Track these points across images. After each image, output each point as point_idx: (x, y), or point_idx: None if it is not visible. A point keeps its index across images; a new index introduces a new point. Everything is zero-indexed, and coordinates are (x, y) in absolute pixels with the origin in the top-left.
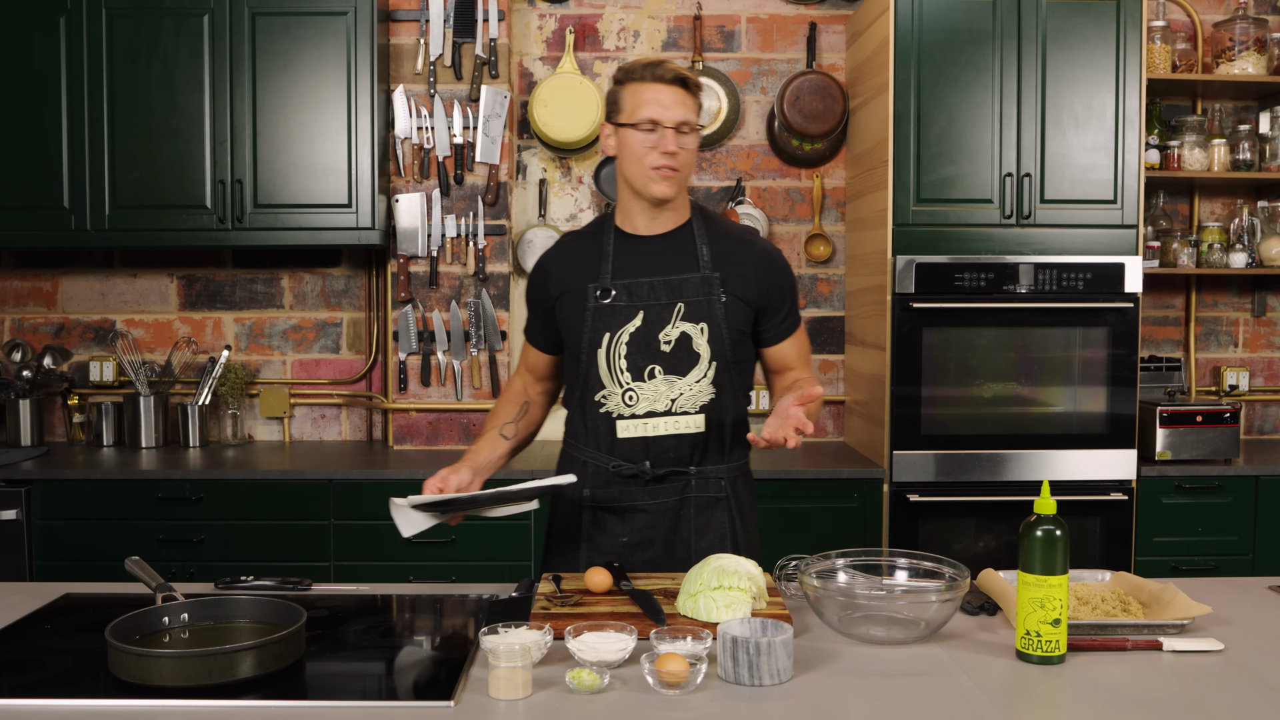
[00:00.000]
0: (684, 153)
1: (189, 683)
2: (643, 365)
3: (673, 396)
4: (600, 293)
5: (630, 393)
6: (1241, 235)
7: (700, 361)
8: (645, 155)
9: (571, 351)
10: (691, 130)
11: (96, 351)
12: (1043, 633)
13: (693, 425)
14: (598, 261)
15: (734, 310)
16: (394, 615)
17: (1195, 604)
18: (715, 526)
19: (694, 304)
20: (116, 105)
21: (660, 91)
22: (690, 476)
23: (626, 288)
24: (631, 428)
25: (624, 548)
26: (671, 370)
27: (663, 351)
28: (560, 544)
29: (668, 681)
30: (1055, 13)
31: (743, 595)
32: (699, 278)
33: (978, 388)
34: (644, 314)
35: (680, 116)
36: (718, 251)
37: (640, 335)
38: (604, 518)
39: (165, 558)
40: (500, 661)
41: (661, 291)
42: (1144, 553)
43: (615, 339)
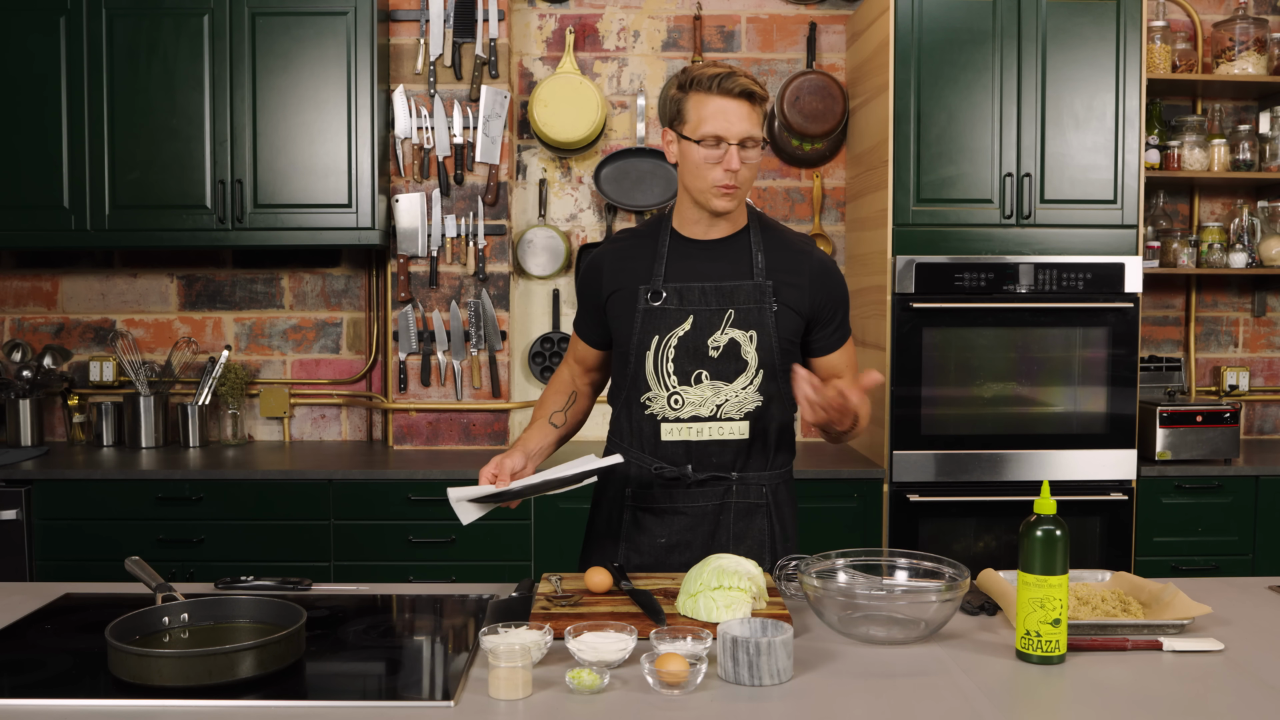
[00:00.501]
0: (746, 168)
1: (189, 683)
2: (690, 370)
3: (718, 402)
4: (651, 295)
5: (676, 396)
6: (1241, 235)
7: (747, 369)
8: (708, 171)
9: (620, 351)
10: (755, 145)
11: (96, 351)
12: (1043, 633)
13: (737, 432)
14: (651, 262)
15: (785, 319)
16: (394, 615)
17: (1195, 604)
18: (754, 533)
19: (744, 311)
20: (116, 105)
21: (727, 106)
22: (732, 482)
23: (678, 291)
24: (676, 431)
25: (661, 549)
26: (718, 376)
27: (710, 357)
28: (600, 542)
29: (668, 681)
30: (1055, 13)
31: (743, 595)
32: (751, 285)
33: (978, 388)
34: (694, 319)
35: (745, 132)
36: (772, 260)
37: (689, 340)
38: (644, 518)
39: (165, 558)
40: (500, 661)
41: (713, 297)
42: (1144, 553)
43: (664, 342)
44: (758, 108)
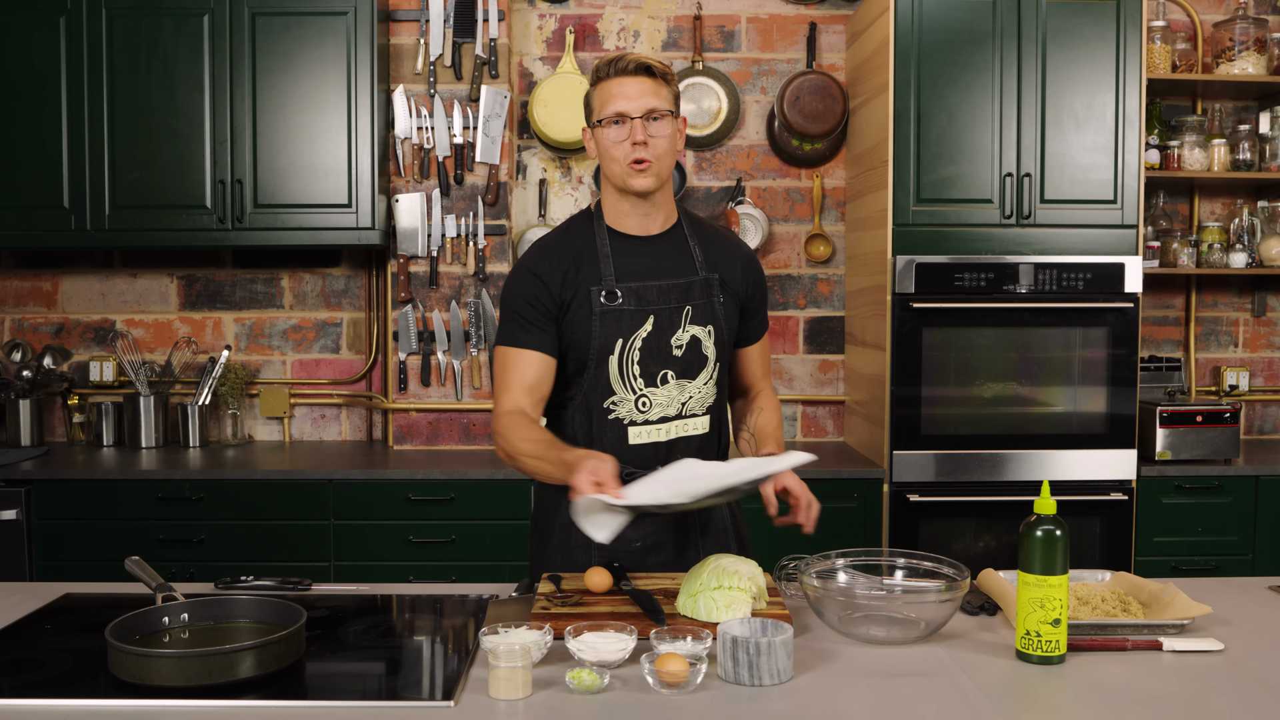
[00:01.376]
0: (657, 141)
1: (189, 683)
2: (656, 371)
3: (683, 400)
4: (605, 295)
5: (643, 399)
6: (1241, 235)
7: (708, 364)
8: (618, 150)
9: (577, 358)
10: (663, 117)
11: (96, 351)
12: (1043, 633)
13: (700, 427)
14: (595, 262)
15: (729, 311)
16: (394, 615)
17: (1195, 604)
18: (717, 520)
19: (699, 307)
20: (116, 105)
21: (624, 84)
22: None
23: (635, 291)
24: (644, 434)
25: (637, 553)
26: (683, 374)
27: (675, 356)
28: (568, 553)
29: (668, 681)
30: (1055, 13)
31: (743, 595)
32: (702, 280)
33: (978, 388)
34: (654, 319)
35: (647, 105)
36: (709, 253)
37: (652, 340)
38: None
39: (165, 558)
40: (500, 661)
41: (671, 295)
42: (1144, 553)
43: (629, 345)
44: (660, 82)
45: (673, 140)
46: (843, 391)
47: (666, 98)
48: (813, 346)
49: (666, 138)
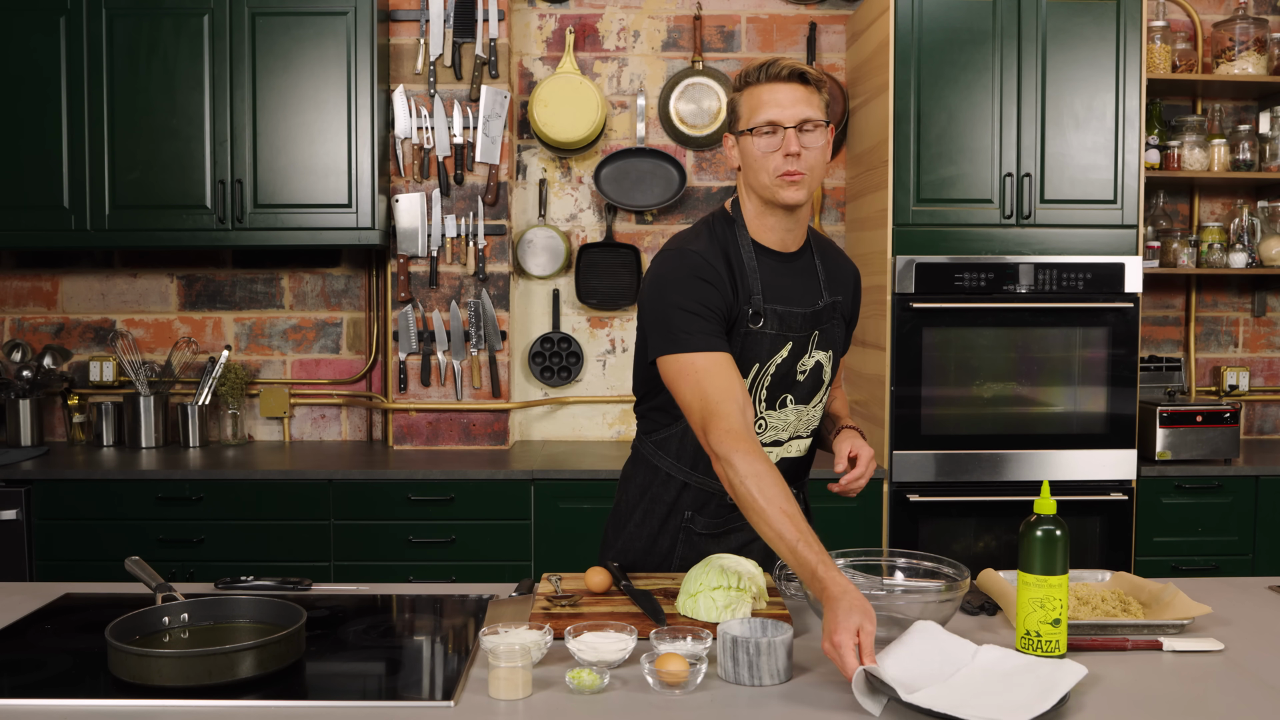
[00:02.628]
0: (810, 152)
1: (189, 683)
2: (779, 395)
3: (796, 425)
4: (753, 317)
5: (761, 421)
6: (1241, 235)
7: (823, 388)
8: (769, 161)
9: None
10: (817, 127)
11: (96, 351)
12: (1043, 633)
13: (802, 449)
14: (746, 279)
15: (843, 334)
16: (394, 615)
17: (1195, 604)
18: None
19: (825, 331)
20: (116, 105)
21: (777, 91)
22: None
23: (779, 316)
24: None
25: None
26: (801, 400)
27: (798, 381)
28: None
29: (668, 681)
30: (1055, 13)
31: (743, 595)
32: (828, 304)
33: (978, 388)
34: (792, 345)
35: (801, 114)
36: (829, 272)
37: (784, 366)
38: (701, 541)
39: (165, 558)
40: (500, 661)
41: (809, 323)
42: (1144, 553)
43: (763, 370)
44: (814, 90)
45: (824, 152)
46: None
47: (819, 107)
48: None
49: (819, 149)
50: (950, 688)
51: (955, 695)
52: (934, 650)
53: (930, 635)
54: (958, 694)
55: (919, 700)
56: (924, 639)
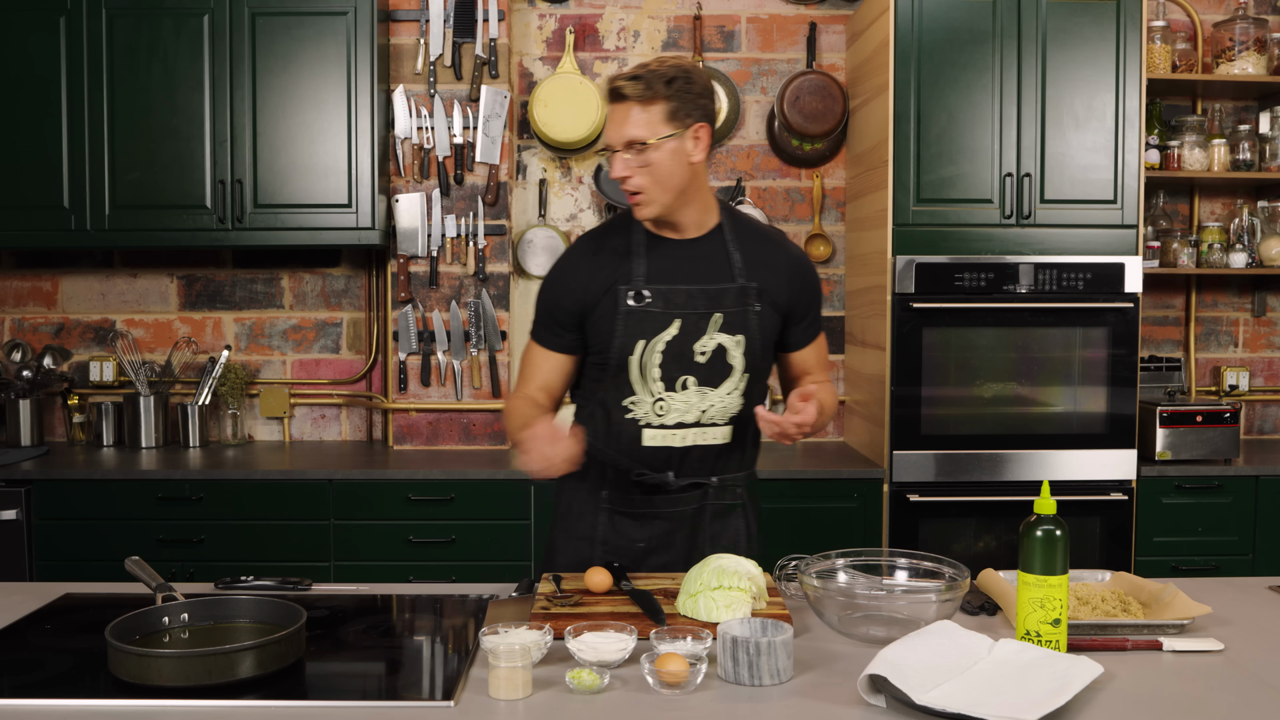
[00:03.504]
0: (644, 171)
1: (189, 683)
2: (676, 375)
3: (703, 408)
4: (633, 295)
5: (661, 403)
6: (1241, 235)
7: (734, 374)
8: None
9: (598, 355)
10: (647, 148)
11: (96, 351)
12: (1043, 633)
13: (720, 436)
14: (627, 261)
15: (767, 320)
16: (394, 615)
17: (1195, 604)
18: (730, 533)
19: (731, 315)
20: (116, 105)
21: (612, 112)
22: (711, 486)
23: (662, 294)
24: (659, 438)
25: (640, 552)
26: (705, 382)
27: (697, 363)
28: (574, 544)
29: (668, 681)
30: (1055, 13)
31: (743, 595)
32: (736, 288)
33: (978, 388)
34: (680, 322)
35: (625, 136)
36: (749, 257)
37: (675, 344)
38: (620, 522)
39: (165, 558)
40: (500, 661)
41: (700, 300)
42: (1144, 553)
43: (650, 347)
44: (642, 104)
45: (669, 164)
46: (843, 391)
47: (652, 121)
48: None
49: (650, 167)
50: (966, 682)
51: (970, 692)
52: (950, 645)
53: (946, 632)
54: (973, 690)
55: (931, 702)
56: (940, 635)
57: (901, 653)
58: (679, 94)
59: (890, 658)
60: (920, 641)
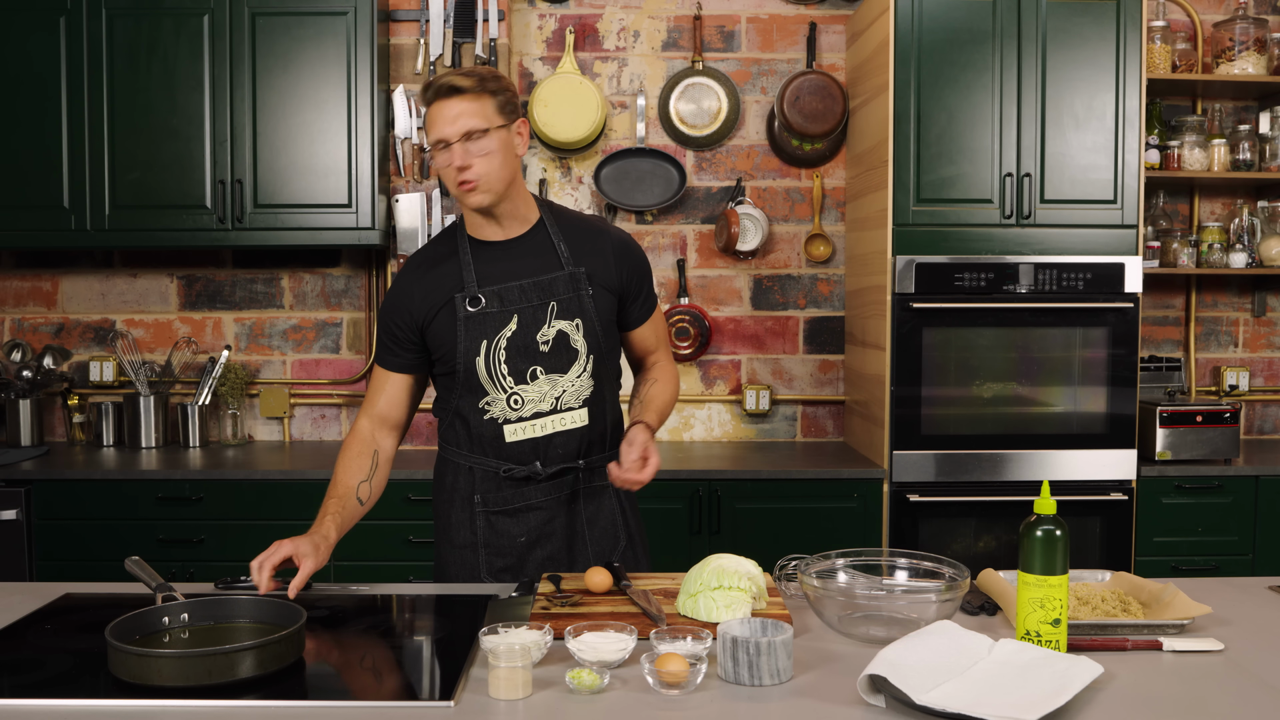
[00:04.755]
0: (481, 160)
1: (189, 683)
2: (524, 368)
3: (556, 395)
4: (469, 301)
5: (515, 396)
6: (1241, 235)
7: (579, 357)
8: (447, 174)
9: (445, 365)
10: (482, 135)
11: (96, 351)
12: (1043, 633)
13: (578, 420)
14: (459, 271)
15: (601, 301)
16: (394, 615)
17: (1195, 604)
18: (605, 514)
19: (565, 301)
20: (116, 105)
21: (441, 108)
22: (579, 470)
23: (497, 294)
24: (520, 431)
25: (522, 547)
26: (553, 369)
27: (542, 352)
28: (458, 553)
29: (668, 681)
30: (1055, 13)
31: (743, 595)
32: (566, 275)
33: (978, 388)
34: (519, 317)
35: (463, 127)
36: (574, 246)
37: (518, 338)
38: (498, 520)
39: (165, 558)
40: (500, 661)
41: (533, 293)
42: (1144, 553)
43: (494, 345)
44: (474, 97)
45: (501, 153)
46: (843, 391)
47: (485, 113)
48: (812, 347)
49: (490, 154)
50: (966, 682)
51: (970, 692)
52: (950, 645)
53: (946, 632)
54: (973, 690)
55: (931, 702)
56: (940, 635)
57: (901, 653)
58: (504, 90)
59: (890, 658)
60: (920, 641)
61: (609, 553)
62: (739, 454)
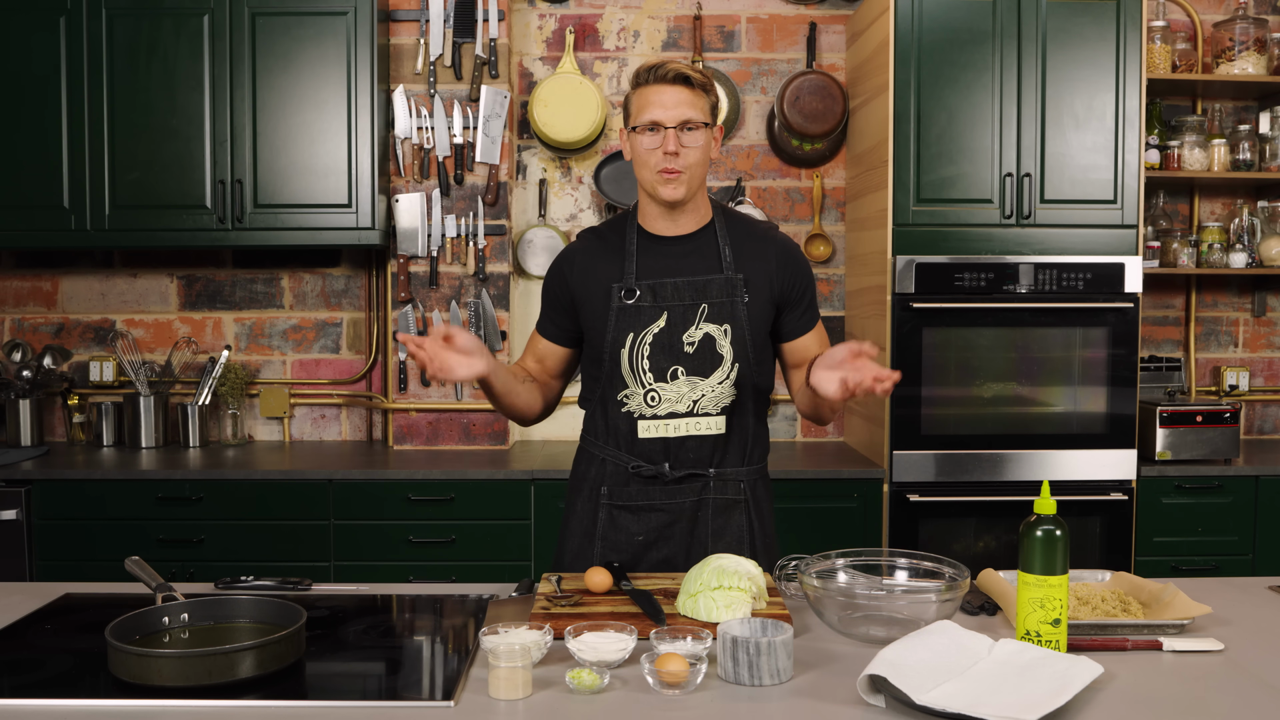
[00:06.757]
0: (689, 151)
1: (189, 683)
2: (666, 366)
3: (695, 398)
4: (625, 293)
5: (653, 393)
6: (1241, 235)
7: (723, 363)
8: (650, 158)
9: (593, 351)
10: (697, 128)
11: (96, 351)
12: (1043, 633)
13: (714, 427)
14: (621, 260)
15: (756, 310)
16: (394, 615)
17: (1195, 604)
18: (733, 529)
19: (718, 305)
20: (116, 105)
21: (662, 92)
22: (709, 478)
23: (651, 288)
24: (653, 428)
25: (639, 546)
26: (694, 371)
27: (686, 353)
28: (576, 541)
29: (668, 681)
30: (1055, 12)
31: (743, 595)
32: (723, 279)
33: (978, 388)
34: (668, 315)
35: (682, 115)
36: (740, 251)
37: (664, 336)
38: (619, 515)
39: (165, 558)
40: (500, 661)
41: (686, 292)
42: (1144, 553)
43: (639, 339)
44: (698, 93)
45: (705, 151)
46: None
47: (703, 108)
48: None
49: (699, 149)
50: (966, 682)
51: (970, 692)
52: (950, 645)
53: (946, 632)
54: (973, 690)
55: (931, 702)
56: (940, 634)
57: (901, 653)
58: (714, 95)
59: (890, 658)
60: (920, 641)
61: None
62: None
